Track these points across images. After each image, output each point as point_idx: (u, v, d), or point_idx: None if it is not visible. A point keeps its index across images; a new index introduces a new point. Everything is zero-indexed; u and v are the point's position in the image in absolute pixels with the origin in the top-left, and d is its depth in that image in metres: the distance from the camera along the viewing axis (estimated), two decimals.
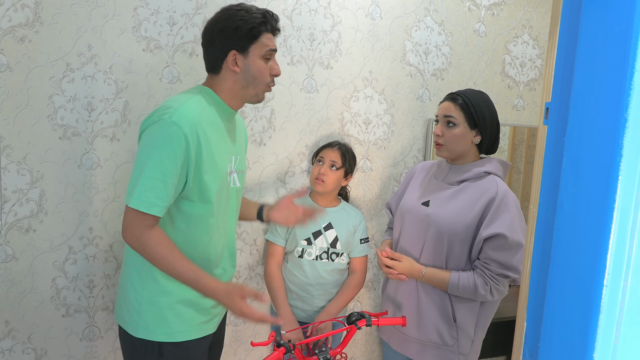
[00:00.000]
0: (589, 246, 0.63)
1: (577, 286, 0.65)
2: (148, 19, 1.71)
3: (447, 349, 1.56)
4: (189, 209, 1.30)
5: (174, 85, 1.77)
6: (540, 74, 2.36)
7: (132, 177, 1.25)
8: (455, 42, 2.18)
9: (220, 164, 1.33)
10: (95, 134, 1.69)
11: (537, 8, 2.30)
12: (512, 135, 2.73)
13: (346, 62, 2.01)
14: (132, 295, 1.33)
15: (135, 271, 1.33)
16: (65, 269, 1.71)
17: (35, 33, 1.58)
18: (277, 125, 1.94)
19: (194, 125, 1.24)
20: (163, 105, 1.28)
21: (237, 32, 1.30)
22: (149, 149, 1.22)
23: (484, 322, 1.59)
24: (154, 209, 1.22)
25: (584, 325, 0.63)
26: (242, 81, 1.34)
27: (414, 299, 1.59)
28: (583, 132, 0.65)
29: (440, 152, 1.59)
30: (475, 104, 1.54)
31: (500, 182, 1.53)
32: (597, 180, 0.62)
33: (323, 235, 1.87)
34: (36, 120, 1.62)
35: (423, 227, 1.57)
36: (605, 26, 0.61)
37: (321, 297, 1.88)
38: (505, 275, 1.48)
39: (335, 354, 1.51)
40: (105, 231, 1.74)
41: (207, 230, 1.34)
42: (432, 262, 1.56)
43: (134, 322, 1.33)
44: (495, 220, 1.45)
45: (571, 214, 0.66)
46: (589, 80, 0.64)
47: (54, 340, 1.72)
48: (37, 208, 1.65)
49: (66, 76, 1.63)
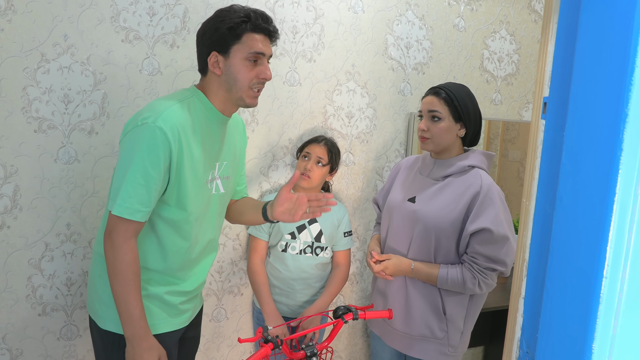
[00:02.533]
0: (589, 238, 0.64)
1: (576, 278, 0.66)
2: (127, 9, 1.66)
3: (437, 341, 1.58)
4: (166, 213, 1.30)
5: (154, 77, 1.72)
6: (517, 69, 2.41)
7: (115, 182, 1.23)
8: (436, 37, 2.19)
9: (200, 172, 1.32)
10: (73, 127, 1.64)
11: (514, 4, 2.34)
12: (487, 129, 2.78)
13: (329, 56, 2.00)
14: (100, 286, 1.33)
15: (103, 263, 1.31)
16: (42, 267, 1.66)
17: (8, 22, 1.51)
18: (260, 119, 1.92)
19: (177, 130, 1.22)
20: (147, 108, 1.25)
21: (217, 32, 1.27)
22: (132, 154, 1.20)
23: (473, 314, 1.62)
24: (137, 215, 1.21)
25: (584, 315, 0.64)
26: (225, 84, 1.30)
27: (402, 293, 1.61)
28: (583, 126, 0.66)
29: (425, 145, 1.59)
30: (459, 97, 1.55)
31: (485, 175, 1.55)
32: (597, 174, 0.63)
33: (307, 229, 1.86)
34: (9, 112, 1.55)
35: (410, 224, 1.58)
36: (605, 21, 0.62)
37: (304, 292, 1.87)
38: (493, 269, 1.50)
39: (322, 348, 1.51)
40: (83, 227, 1.69)
41: (184, 236, 1.34)
42: (421, 258, 1.57)
43: (103, 314, 1.33)
44: (480, 214, 1.47)
45: (571, 207, 0.67)
46: (589, 75, 0.65)
47: (30, 340, 1.67)
48: (11, 204, 1.59)
49: (41, 67, 1.57)
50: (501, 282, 2.40)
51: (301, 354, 1.45)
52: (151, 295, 1.33)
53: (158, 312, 1.35)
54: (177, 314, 1.40)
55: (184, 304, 1.41)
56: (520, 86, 2.43)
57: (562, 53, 0.74)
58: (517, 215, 2.72)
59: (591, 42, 0.64)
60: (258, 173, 1.96)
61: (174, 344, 1.41)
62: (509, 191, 2.85)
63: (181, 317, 1.41)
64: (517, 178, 2.82)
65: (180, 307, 1.40)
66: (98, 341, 1.37)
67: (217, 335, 2.00)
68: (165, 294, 1.35)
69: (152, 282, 1.33)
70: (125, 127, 1.26)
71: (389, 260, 1.57)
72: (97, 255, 1.35)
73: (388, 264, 1.57)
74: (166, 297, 1.36)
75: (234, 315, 2.02)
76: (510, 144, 2.83)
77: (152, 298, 1.33)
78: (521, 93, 2.44)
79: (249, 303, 2.04)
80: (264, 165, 1.96)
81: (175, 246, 1.33)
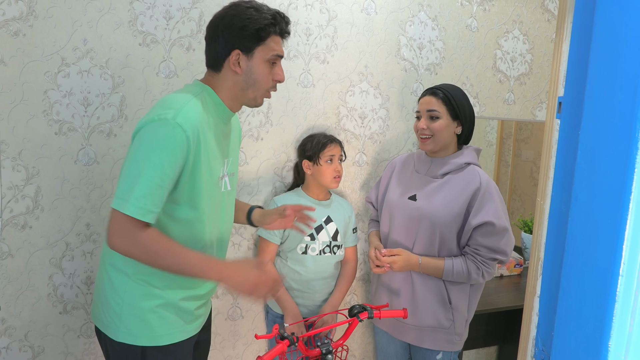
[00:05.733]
0: (605, 237, 0.64)
1: (592, 276, 0.66)
2: (144, 13, 1.69)
3: (445, 331, 1.66)
4: (178, 213, 1.25)
5: (170, 80, 1.75)
6: (530, 69, 2.40)
7: (126, 178, 1.14)
8: (448, 37, 2.20)
9: (214, 170, 1.29)
10: (92, 129, 1.67)
11: (527, 4, 2.34)
12: (500, 129, 2.77)
13: (342, 57, 2.02)
14: (112, 298, 1.28)
15: (115, 274, 1.28)
16: (62, 266, 1.69)
17: (30, 27, 1.55)
18: (274, 120, 1.94)
19: (197, 127, 1.18)
20: (162, 104, 1.20)
21: (243, 31, 1.23)
22: (148, 150, 1.14)
23: (474, 302, 1.71)
24: (149, 216, 1.14)
25: (600, 314, 0.64)
26: (242, 83, 1.29)
27: (408, 286, 1.67)
28: (599, 125, 0.66)
29: (426, 145, 1.67)
30: (456, 97, 1.64)
31: (481, 172, 1.64)
32: (613, 173, 0.63)
33: (324, 229, 1.89)
34: (31, 115, 1.59)
35: (414, 220, 1.65)
36: (621, 20, 0.62)
37: (323, 291, 1.90)
38: (495, 259, 1.60)
39: (337, 346, 1.53)
40: (102, 227, 1.73)
41: (198, 237, 1.30)
42: (425, 252, 1.65)
43: (114, 326, 1.27)
44: (482, 209, 1.57)
45: (587, 205, 0.68)
46: (605, 75, 0.64)
47: (52, 337, 1.71)
48: (33, 204, 1.63)
49: (61, 71, 1.61)
50: (515, 282, 2.40)
51: (317, 352, 1.47)
52: (168, 303, 1.29)
53: (175, 319, 1.31)
54: (192, 320, 1.37)
55: (199, 308, 1.39)
56: (534, 86, 2.42)
57: (577, 53, 0.75)
58: (530, 214, 2.71)
59: (607, 41, 0.64)
60: (272, 174, 1.98)
61: (189, 352, 1.39)
62: (521, 190, 2.84)
63: (196, 323, 1.40)
64: (530, 177, 2.81)
65: (195, 313, 1.37)
66: (112, 354, 1.31)
67: (233, 333, 2.02)
68: (181, 301, 1.32)
69: (168, 287, 1.29)
70: (140, 121, 1.20)
71: (399, 255, 1.63)
72: (109, 266, 1.29)
73: (397, 259, 1.63)
74: (182, 303, 1.32)
75: (249, 314, 2.04)
76: (523, 144, 2.82)
77: (169, 306, 1.30)
78: (534, 93, 2.43)
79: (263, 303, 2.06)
80: (277, 165, 1.98)
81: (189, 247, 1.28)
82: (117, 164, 1.72)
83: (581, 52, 0.73)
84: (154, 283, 1.27)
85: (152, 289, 1.27)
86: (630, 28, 0.60)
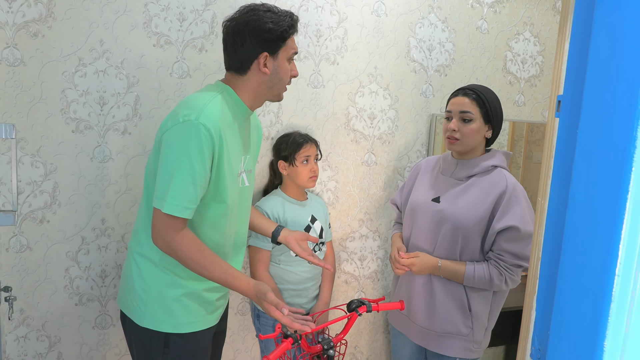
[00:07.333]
0: (602, 236, 0.63)
1: (589, 275, 0.65)
2: (158, 15, 1.73)
3: (462, 337, 1.61)
4: (203, 209, 1.32)
5: (183, 80, 1.79)
6: (541, 71, 2.40)
7: (161, 180, 1.25)
8: (458, 39, 2.21)
9: (234, 166, 1.36)
10: (107, 127, 1.72)
11: (538, 5, 2.34)
12: (511, 130, 2.77)
13: (352, 58, 2.04)
14: (139, 285, 1.36)
15: (142, 261, 1.36)
16: (78, 259, 1.75)
17: (49, 28, 1.61)
18: (284, 120, 1.98)
19: (218, 126, 1.26)
20: (185, 104, 1.28)
21: (269, 34, 1.31)
22: (178, 152, 1.23)
23: (496, 310, 1.64)
24: (186, 212, 1.25)
25: (596, 313, 0.63)
26: (269, 82, 1.36)
27: (428, 291, 1.63)
28: (596, 124, 0.65)
29: (454, 146, 1.61)
30: (489, 99, 1.58)
31: (508, 175, 1.57)
32: (610, 172, 0.62)
33: (312, 229, 1.92)
34: (49, 113, 1.64)
35: (436, 223, 1.61)
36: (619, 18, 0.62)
37: (313, 287, 1.95)
38: (519, 265, 1.53)
39: (337, 340, 1.56)
40: (117, 222, 1.78)
41: (220, 230, 1.38)
42: (447, 256, 1.60)
43: (140, 312, 1.36)
44: (507, 213, 1.50)
45: (583, 204, 0.67)
46: (603, 73, 0.64)
47: (68, 327, 1.76)
48: (50, 199, 1.68)
49: (78, 71, 1.66)
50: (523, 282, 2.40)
51: (318, 347, 1.50)
52: (191, 292, 1.37)
53: (197, 309, 1.39)
54: (213, 310, 1.45)
55: (219, 299, 1.46)
56: (544, 87, 2.42)
57: (577, 51, 0.73)
58: None
59: (605, 39, 0.64)
60: None
61: (209, 341, 1.46)
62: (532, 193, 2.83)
63: (216, 313, 1.47)
64: None
65: (216, 304, 1.45)
66: (135, 338, 1.39)
67: (243, 327, 2.06)
68: (204, 291, 1.39)
69: (191, 278, 1.36)
70: (164, 124, 1.29)
71: (417, 257, 1.60)
72: (137, 255, 1.38)
73: (415, 261, 1.59)
74: (204, 294, 1.39)
75: None
76: (534, 146, 2.82)
77: (192, 296, 1.37)
78: (545, 94, 2.43)
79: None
80: None
81: (211, 242, 1.37)
82: (131, 161, 1.76)
83: (581, 51, 0.72)
84: (179, 273, 1.35)
85: (177, 279, 1.35)
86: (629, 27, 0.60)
